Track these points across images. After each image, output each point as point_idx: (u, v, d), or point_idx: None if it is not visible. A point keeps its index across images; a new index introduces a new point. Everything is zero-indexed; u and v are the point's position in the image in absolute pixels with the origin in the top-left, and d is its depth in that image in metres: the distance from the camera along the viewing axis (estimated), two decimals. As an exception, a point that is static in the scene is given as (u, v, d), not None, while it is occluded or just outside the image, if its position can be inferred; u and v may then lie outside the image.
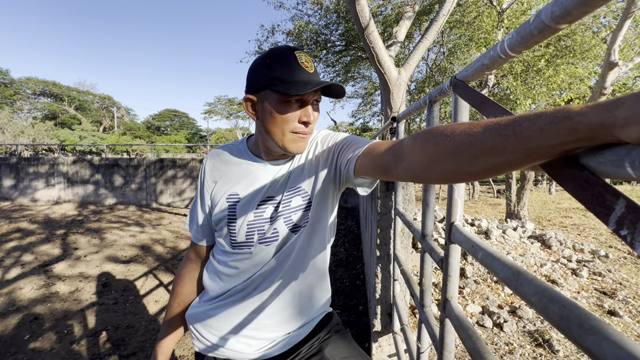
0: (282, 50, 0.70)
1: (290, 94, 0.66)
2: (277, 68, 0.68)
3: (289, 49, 0.70)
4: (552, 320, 0.35)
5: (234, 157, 0.83)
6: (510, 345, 2.35)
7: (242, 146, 0.84)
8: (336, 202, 0.83)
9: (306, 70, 0.69)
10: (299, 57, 0.69)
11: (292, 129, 0.71)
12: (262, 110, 0.72)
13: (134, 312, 2.95)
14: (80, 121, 29.29)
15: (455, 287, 0.82)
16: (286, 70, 0.68)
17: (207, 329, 0.81)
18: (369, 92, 13.06)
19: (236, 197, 0.78)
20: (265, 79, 0.69)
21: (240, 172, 0.80)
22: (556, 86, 5.75)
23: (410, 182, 0.76)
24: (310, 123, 0.72)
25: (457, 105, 0.76)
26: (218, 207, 0.80)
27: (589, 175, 0.28)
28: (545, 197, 13.26)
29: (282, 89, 0.67)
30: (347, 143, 0.73)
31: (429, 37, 4.09)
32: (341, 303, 3.02)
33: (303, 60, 0.69)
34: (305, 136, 0.73)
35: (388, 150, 0.55)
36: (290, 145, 0.72)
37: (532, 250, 4.24)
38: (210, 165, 0.85)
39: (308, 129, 0.72)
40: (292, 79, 0.67)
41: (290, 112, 0.69)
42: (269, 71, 0.69)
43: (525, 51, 0.47)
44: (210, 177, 0.83)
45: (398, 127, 1.84)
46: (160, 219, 7.12)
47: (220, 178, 0.82)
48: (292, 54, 0.69)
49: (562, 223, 7.93)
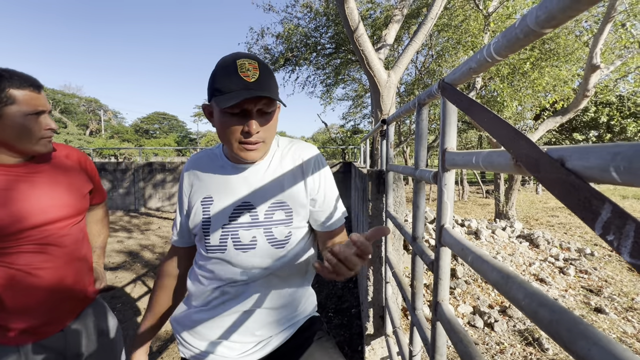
0: (226, 60, 0.69)
1: (220, 107, 0.66)
2: (218, 78, 0.68)
3: (233, 57, 0.69)
4: (542, 324, 0.35)
5: (210, 162, 0.84)
6: (501, 344, 2.38)
7: (217, 150, 0.85)
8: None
9: (244, 80, 0.66)
10: (241, 65, 0.67)
11: (237, 139, 0.70)
12: (215, 119, 0.73)
13: (121, 320, 2.88)
14: (66, 125, 28.63)
15: (446, 290, 0.82)
16: (224, 80, 0.67)
17: (190, 334, 0.81)
18: (359, 94, 13.14)
19: (210, 200, 0.79)
20: (210, 90, 0.70)
21: (215, 176, 0.81)
22: (541, 88, 5.89)
23: None
24: (251, 133, 0.69)
25: (446, 108, 0.76)
26: (193, 210, 0.81)
27: (575, 180, 0.28)
28: (533, 197, 13.55)
29: (217, 100, 0.67)
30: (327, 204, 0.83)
31: (418, 40, 4.14)
32: (334, 306, 3.01)
33: (245, 69, 0.67)
34: (255, 146, 0.71)
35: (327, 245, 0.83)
36: (241, 153, 0.72)
37: (521, 250, 4.32)
38: (188, 169, 0.86)
39: (254, 139, 0.70)
40: (227, 89, 0.66)
41: (231, 123, 0.69)
42: (212, 82, 0.69)
43: (511, 55, 0.48)
44: (188, 181, 0.85)
45: (388, 130, 1.85)
46: (149, 224, 7.00)
47: (196, 182, 0.83)
48: (234, 63, 0.67)
49: (549, 222, 8.10)
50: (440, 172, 0.78)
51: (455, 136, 0.78)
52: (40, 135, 0.87)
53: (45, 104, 0.90)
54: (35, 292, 0.88)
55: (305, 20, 8.19)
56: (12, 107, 0.82)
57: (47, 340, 0.92)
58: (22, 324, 0.87)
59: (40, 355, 0.90)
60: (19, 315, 0.86)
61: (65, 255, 0.95)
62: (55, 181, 0.96)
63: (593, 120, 11.40)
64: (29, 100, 0.84)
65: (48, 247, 0.91)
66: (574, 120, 11.97)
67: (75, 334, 0.98)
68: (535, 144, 0.35)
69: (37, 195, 0.90)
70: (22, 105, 0.83)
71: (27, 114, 0.84)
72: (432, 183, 0.89)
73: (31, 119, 0.85)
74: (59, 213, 0.93)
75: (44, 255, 0.90)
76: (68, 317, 0.97)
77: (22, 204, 0.86)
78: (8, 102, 0.81)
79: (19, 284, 0.86)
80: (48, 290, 0.91)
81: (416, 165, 1.07)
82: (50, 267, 0.91)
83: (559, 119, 5.90)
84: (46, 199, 0.91)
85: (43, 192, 0.91)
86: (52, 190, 0.94)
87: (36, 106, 0.85)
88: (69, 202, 0.97)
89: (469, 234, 4.78)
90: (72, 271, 0.97)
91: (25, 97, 0.83)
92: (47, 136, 0.90)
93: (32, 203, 0.88)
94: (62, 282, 0.94)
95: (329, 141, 17.99)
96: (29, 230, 0.87)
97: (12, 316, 0.86)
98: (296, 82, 9.51)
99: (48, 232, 0.91)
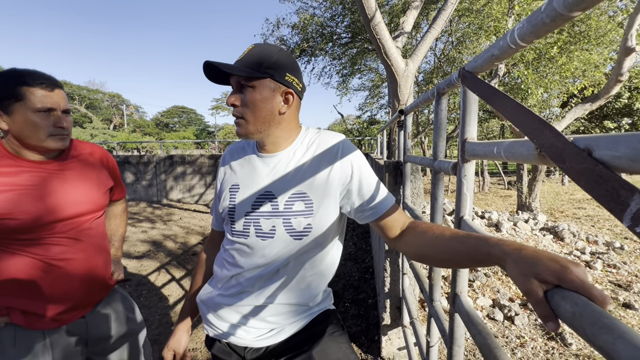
0: None
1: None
2: None
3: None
4: (565, 318, 0.34)
5: (242, 151, 0.88)
6: (522, 338, 2.34)
7: (252, 141, 0.87)
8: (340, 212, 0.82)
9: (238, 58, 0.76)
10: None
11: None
12: None
13: (147, 305, 3.02)
14: (91, 119, 29.80)
15: (465, 282, 0.82)
16: None
17: (213, 315, 0.84)
18: (376, 84, 12.92)
19: (237, 188, 0.82)
20: None
21: (244, 164, 0.85)
22: (569, 74, 5.58)
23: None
24: (230, 105, 0.75)
25: (466, 98, 0.74)
26: (223, 196, 0.85)
27: (603, 170, 0.27)
28: (558, 188, 13.00)
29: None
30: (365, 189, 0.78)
31: (437, 27, 4.01)
32: (350, 297, 3.03)
33: (245, 50, 0.76)
34: (239, 120, 0.76)
35: (393, 231, 0.77)
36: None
37: (544, 243, 4.18)
38: (224, 158, 0.91)
39: (234, 112, 0.76)
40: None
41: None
42: None
43: (536, 40, 0.46)
44: (222, 169, 0.90)
45: (406, 120, 1.82)
46: (171, 215, 7.24)
47: (228, 170, 0.88)
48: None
49: (576, 214, 7.78)
50: (459, 163, 0.77)
51: (475, 126, 0.76)
52: (49, 132, 0.90)
53: (58, 102, 0.92)
54: (63, 281, 0.94)
55: (321, 10, 8.08)
56: (23, 103, 0.86)
57: (70, 325, 0.98)
58: (51, 310, 0.93)
59: (63, 339, 0.97)
60: (48, 302, 0.93)
61: (90, 247, 1.01)
62: (82, 177, 1.01)
63: (626, 106, 10.72)
64: (40, 98, 0.87)
65: (75, 239, 0.97)
66: (605, 107, 11.31)
67: (96, 320, 1.05)
68: (561, 133, 0.34)
69: (67, 190, 0.96)
70: (32, 102, 0.87)
71: (37, 111, 0.87)
72: (451, 174, 0.87)
73: (41, 115, 0.88)
74: (85, 207, 0.99)
75: (72, 246, 0.96)
76: (90, 305, 1.04)
77: (54, 198, 0.92)
78: (19, 98, 0.86)
79: (50, 273, 0.92)
80: (75, 280, 0.97)
81: (435, 156, 1.06)
82: (77, 258, 0.97)
83: (589, 106, 5.60)
84: (74, 194, 0.97)
85: (72, 187, 0.97)
86: (80, 186, 0.99)
87: (46, 103, 0.88)
88: (93, 198, 1.03)
89: (489, 226, 4.67)
90: (95, 262, 1.03)
91: (37, 94, 0.87)
92: (57, 134, 0.92)
93: (63, 197, 0.94)
94: (87, 272, 1.00)
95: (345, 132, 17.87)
96: (60, 222, 0.93)
97: (42, 303, 0.92)
98: (312, 73, 9.46)
99: (75, 225, 0.97)
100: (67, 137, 0.96)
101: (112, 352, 1.08)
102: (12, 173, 0.87)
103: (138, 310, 1.20)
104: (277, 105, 0.76)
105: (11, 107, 0.86)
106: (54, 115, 0.91)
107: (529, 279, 0.38)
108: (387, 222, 0.77)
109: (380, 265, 2.33)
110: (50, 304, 0.93)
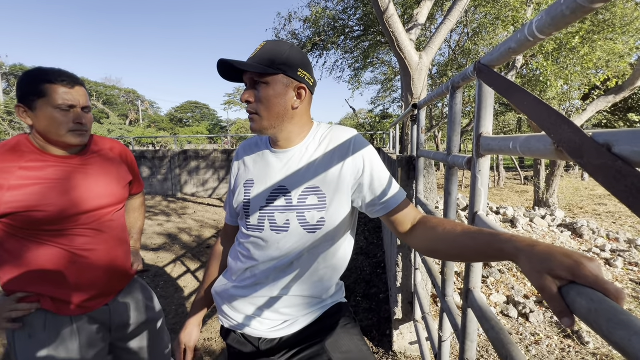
0: None
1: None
2: None
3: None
4: (580, 314, 0.34)
5: (255, 147, 0.89)
6: (537, 335, 2.30)
7: (265, 137, 0.89)
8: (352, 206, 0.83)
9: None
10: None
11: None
12: None
13: (164, 296, 3.12)
14: (108, 115, 30.54)
15: (478, 277, 0.81)
16: None
17: (228, 306, 0.87)
18: (389, 78, 12.73)
19: (251, 183, 0.84)
20: None
21: (257, 160, 0.86)
22: (592, 65, 5.36)
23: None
24: (244, 101, 0.76)
25: (482, 92, 0.73)
26: (237, 192, 0.87)
27: (623, 166, 0.27)
28: (578, 183, 12.59)
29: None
30: (377, 183, 0.78)
31: (452, 18, 3.91)
32: (362, 291, 3.05)
33: (258, 48, 0.77)
34: (252, 116, 0.77)
35: (403, 226, 0.78)
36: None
37: (562, 240, 4.08)
38: (238, 154, 0.93)
39: (248, 108, 0.77)
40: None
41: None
42: None
43: (556, 32, 0.45)
44: (236, 165, 0.91)
45: (419, 115, 1.80)
46: (185, 209, 7.39)
47: (242, 166, 0.89)
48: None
49: (596, 211, 7.53)
50: (474, 158, 0.76)
51: (491, 120, 0.75)
52: (68, 127, 0.93)
53: (78, 99, 0.95)
54: (88, 270, 0.99)
55: (333, 2, 7.99)
56: (45, 99, 0.90)
57: (94, 312, 1.03)
58: (77, 298, 0.98)
59: (89, 325, 1.02)
60: (75, 290, 0.97)
61: (112, 238, 1.06)
62: (103, 172, 1.05)
63: (653, 98, 10.24)
64: (60, 95, 0.91)
65: (98, 230, 1.02)
66: (630, 99, 10.82)
67: (119, 307, 1.10)
68: (579, 128, 0.33)
69: (89, 184, 1.00)
70: (53, 99, 0.90)
71: (58, 107, 0.91)
72: (465, 169, 0.86)
73: (61, 112, 0.92)
74: (106, 200, 1.04)
75: (95, 238, 1.01)
76: (113, 293, 1.09)
77: (78, 192, 0.96)
78: (41, 95, 0.90)
79: (75, 263, 0.97)
80: (99, 269, 1.02)
81: (449, 151, 1.05)
82: (100, 249, 1.02)
83: (612, 98, 5.37)
84: (96, 188, 1.01)
85: (94, 181, 1.01)
86: (101, 180, 1.04)
87: (67, 100, 0.92)
88: (114, 191, 1.07)
89: (504, 222, 4.58)
90: (117, 253, 1.08)
91: (58, 91, 0.91)
92: (77, 129, 0.95)
93: (86, 191, 0.98)
94: (110, 262, 1.05)
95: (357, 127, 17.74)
96: (83, 214, 0.97)
97: (69, 291, 0.97)
98: (324, 67, 9.41)
99: (98, 217, 1.01)
100: (87, 133, 0.99)
101: (133, 339, 1.13)
102: (38, 167, 0.91)
103: (157, 300, 1.25)
104: (290, 100, 0.77)
105: (35, 103, 0.90)
106: (74, 111, 0.94)
107: (543, 275, 0.38)
108: (398, 217, 0.78)
109: (392, 260, 2.33)
110: (77, 292, 0.98)
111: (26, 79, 0.91)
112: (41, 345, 0.93)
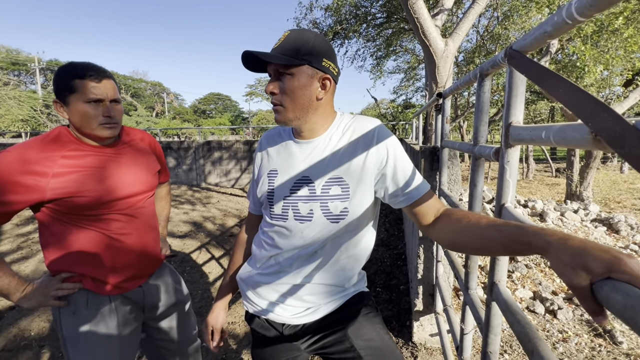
0: None
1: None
2: None
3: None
4: (615, 309, 0.33)
5: (278, 138, 0.90)
6: (565, 333, 2.22)
7: (288, 127, 0.89)
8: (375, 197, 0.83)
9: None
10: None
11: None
12: None
13: (191, 281, 3.27)
14: (136, 108, 31.76)
15: (504, 270, 0.79)
16: None
17: (253, 293, 0.89)
18: (412, 66, 12.36)
19: (275, 173, 0.85)
20: None
21: (280, 150, 0.87)
22: (637, 48, 4.94)
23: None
24: (269, 93, 0.76)
25: (512, 79, 0.70)
26: (261, 181, 0.88)
27: (668, 156, 0.26)
28: (616, 176, 11.80)
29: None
30: (400, 174, 0.78)
31: (481, 2, 3.72)
32: (382, 282, 3.05)
33: (281, 37, 0.76)
34: (277, 107, 0.77)
35: (426, 218, 0.77)
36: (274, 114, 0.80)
37: (596, 235, 3.87)
38: (261, 144, 0.94)
39: (273, 99, 0.77)
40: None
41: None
42: None
43: (597, 14, 0.42)
44: (260, 155, 0.93)
45: (444, 104, 1.75)
46: (209, 198, 7.62)
47: (265, 156, 0.90)
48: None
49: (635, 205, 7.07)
50: (502, 149, 0.73)
51: (522, 109, 0.72)
52: (98, 121, 0.97)
53: (106, 92, 0.98)
54: (122, 253, 1.06)
55: (355, -11, 7.79)
56: (76, 94, 0.94)
57: (129, 293, 1.10)
58: (114, 279, 1.05)
59: (125, 305, 1.09)
60: (111, 271, 1.04)
61: (144, 224, 1.12)
62: (135, 161, 1.11)
63: None
64: (89, 89, 0.95)
65: (131, 216, 1.08)
66: (679, 85, 9.92)
67: (152, 289, 1.17)
68: (620, 116, 0.32)
69: (123, 172, 1.06)
70: (83, 93, 0.94)
71: (87, 101, 0.95)
72: (492, 160, 0.84)
73: (91, 105, 0.96)
74: (138, 188, 1.10)
75: (129, 223, 1.07)
76: (145, 276, 1.15)
77: (113, 180, 1.02)
78: (72, 90, 0.94)
79: (112, 246, 1.04)
80: (133, 252, 1.08)
81: (475, 141, 1.01)
82: (133, 233, 1.08)
83: (658, 84, 4.95)
84: (129, 176, 1.07)
85: (127, 170, 1.07)
86: (133, 169, 1.09)
87: (95, 94, 0.96)
88: (145, 179, 1.13)
89: (532, 215, 4.40)
90: (148, 237, 1.14)
91: (87, 85, 0.95)
92: (106, 122, 0.99)
93: (120, 179, 1.04)
94: (143, 245, 1.11)
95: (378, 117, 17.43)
96: (118, 201, 1.03)
97: (107, 272, 1.04)
98: (345, 56, 9.25)
99: (131, 204, 1.07)
100: (117, 125, 1.03)
101: (163, 319, 1.20)
102: (78, 156, 0.97)
103: (184, 283, 1.31)
104: (314, 91, 0.76)
105: (68, 98, 0.95)
106: (103, 105, 0.98)
107: (576, 271, 0.36)
108: (421, 209, 0.77)
109: (413, 252, 2.31)
110: (113, 273, 1.05)
111: (59, 75, 0.96)
112: (84, 321, 1.01)
